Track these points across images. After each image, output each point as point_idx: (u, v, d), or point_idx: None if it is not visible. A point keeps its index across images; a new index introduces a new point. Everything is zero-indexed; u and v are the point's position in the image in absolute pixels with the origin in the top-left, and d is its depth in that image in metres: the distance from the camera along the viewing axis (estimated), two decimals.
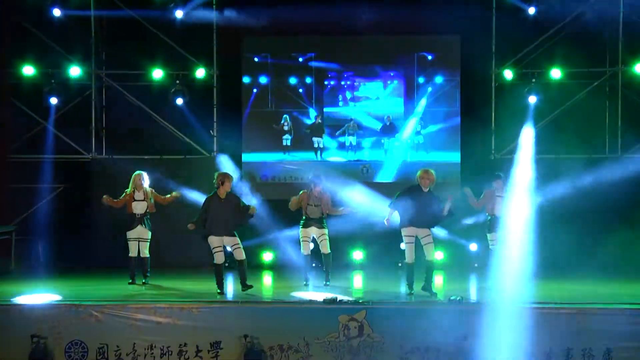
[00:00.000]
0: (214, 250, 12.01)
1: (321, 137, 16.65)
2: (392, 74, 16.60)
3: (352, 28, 16.10)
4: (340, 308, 10.79)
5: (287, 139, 16.62)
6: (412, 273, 11.93)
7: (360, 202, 14.56)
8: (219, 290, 12.00)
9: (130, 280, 13.07)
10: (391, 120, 16.54)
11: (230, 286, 13.01)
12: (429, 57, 16.49)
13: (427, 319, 10.61)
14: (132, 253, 13.08)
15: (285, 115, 16.59)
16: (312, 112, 16.59)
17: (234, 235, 12.00)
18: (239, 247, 12.03)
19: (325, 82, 16.65)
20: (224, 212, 11.92)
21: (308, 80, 16.59)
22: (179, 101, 15.80)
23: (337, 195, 13.68)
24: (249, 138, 16.59)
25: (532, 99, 15.61)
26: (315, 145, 16.65)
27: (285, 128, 16.61)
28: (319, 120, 16.60)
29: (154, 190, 13.27)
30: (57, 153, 16.31)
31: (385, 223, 12.13)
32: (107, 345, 10.67)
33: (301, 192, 13.19)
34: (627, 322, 10.49)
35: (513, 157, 15.77)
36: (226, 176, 12.12)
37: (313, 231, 13.06)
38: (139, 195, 13.07)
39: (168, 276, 13.72)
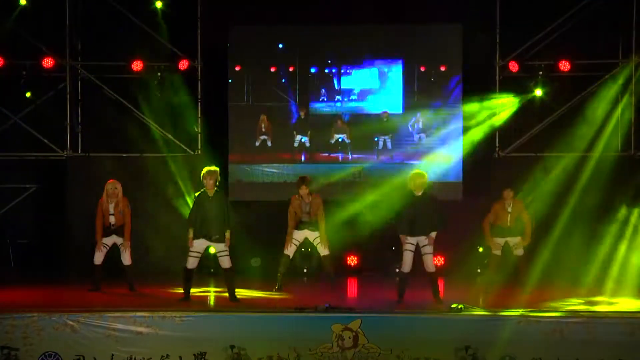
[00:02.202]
0: (189, 253, 12.01)
1: (306, 135, 16.65)
2: (388, 65, 16.61)
3: (347, 16, 16.15)
4: (334, 317, 10.81)
5: (264, 140, 16.60)
6: (406, 283, 11.97)
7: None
8: (183, 297, 11.97)
9: (93, 287, 12.99)
10: (388, 117, 16.56)
11: (214, 295, 13.06)
12: (428, 48, 16.54)
13: (426, 328, 10.67)
14: (97, 260, 12.97)
15: (262, 116, 16.58)
16: (296, 107, 16.61)
17: (223, 241, 12.02)
18: (226, 254, 12.01)
19: (313, 72, 16.65)
20: (212, 210, 11.91)
21: (294, 71, 16.58)
22: (161, 95, 15.82)
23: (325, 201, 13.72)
24: (231, 136, 16.63)
25: (539, 92, 15.69)
26: (296, 145, 16.61)
27: (263, 129, 16.58)
28: (303, 116, 16.60)
29: (128, 204, 13.08)
30: (29, 151, 16.32)
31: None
32: (83, 356, 10.67)
33: (291, 198, 13.28)
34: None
35: (519, 155, 15.91)
36: (204, 173, 12.00)
37: (306, 234, 13.17)
38: (111, 207, 12.98)
39: (149, 283, 13.71)
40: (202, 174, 12.03)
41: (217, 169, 12.18)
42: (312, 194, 13.19)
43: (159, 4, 15.91)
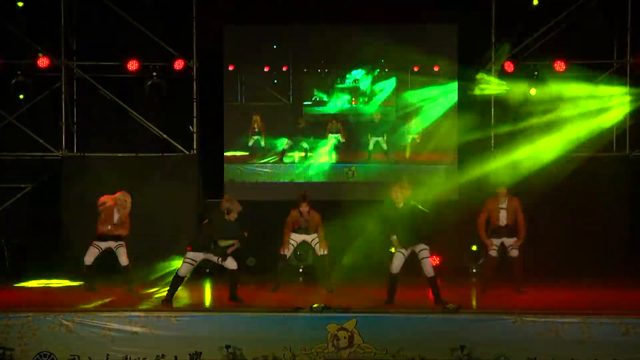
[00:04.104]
0: (185, 260, 11.94)
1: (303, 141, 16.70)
2: (382, 65, 16.62)
3: (341, 17, 16.15)
4: (329, 317, 10.81)
5: (257, 140, 16.59)
6: (395, 284, 11.94)
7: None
8: (165, 300, 11.77)
9: (89, 289, 12.95)
10: (380, 119, 16.56)
11: (210, 294, 13.05)
12: (423, 48, 16.53)
13: (421, 328, 10.67)
14: (87, 261, 12.92)
15: (255, 116, 16.58)
16: (292, 109, 16.64)
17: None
18: (230, 256, 11.99)
19: (307, 73, 16.66)
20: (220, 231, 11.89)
21: (288, 71, 16.60)
22: (155, 95, 15.81)
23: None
24: (226, 135, 16.64)
25: (534, 92, 15.68)
26: (292, 145, 16.63)
27: (256, 129, 16.58)
28: (299, 124, 16.61)
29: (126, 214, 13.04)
30: (24, 150, 16.29)
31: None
32: (78, 356, 10.66)
33: (291, 210, 13.31)
34: (634, 332, 10.57)
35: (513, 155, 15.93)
36: (225, 203, 11.90)
37: (303, 237, 13.23)
38: (116, 217, 12.92)
39: (144, 283, 13.70)
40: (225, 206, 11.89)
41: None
42: (311, 210, 13.21)
43: (154, 5, 15.90)
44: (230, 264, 11.95)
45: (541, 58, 15.81)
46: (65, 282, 14.44)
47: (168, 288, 11.89)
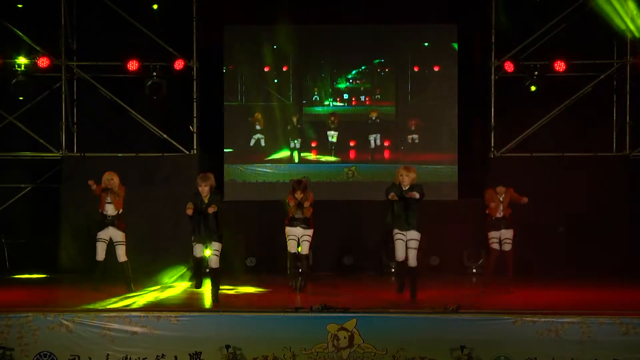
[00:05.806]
0: (194, 245, 11.92)
1: (298, 139, 16.68)
2: (382, 65, 16.62)
3: (341, 17, 16.16)
4: (329, 316, 10.80)
5: (258, 139, 16.59)
6: (402, 271, 11.95)
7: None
8: (196, 287, 11.79)
9: (96, 286, 12.95)
10: (378, 117, 16.55)
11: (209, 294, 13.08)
12: (423, 48, 16.55)
13: (422, 328, 10.67)
14: (99, 256, 12.87)
15: (257, 114, 16.58)
16: (292, 109, 16.63)
17: (219, 241, 11.97)
18: (217, 255, 11.93)
19: (307, 73, 16.66)
20: (205, 217, 11.83)
21: (288, 71, 16.61)
22: (155, 95, 15.80)
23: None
24: (226, 135, 16.65)
25: (533, 88, 15.67)
26: (292, 145, 16.64)
27: (257, 127, 16.59)
28: (299, 123, 16.59)
29: (124, 190, 12.98)
30: (24, 150, 16.30)
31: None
32: (78, 356, 10.65)
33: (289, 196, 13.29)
34: (634, 332, 10.56)
35: (514, 155, 15.93)
36: (199, 177, 11.91)
37: (298, 231, 13.13)
38: (109, 196, 12.90)
39: (145, 282, 13.70)
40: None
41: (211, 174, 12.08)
42: (306, 193, 13.15)
43: (154, 4, 15.90)
44: (214, 262, 11.91)
45: (541, 58, 15.80)
46: (38, 275, 14.56)
47: (193, 274, 11.81)
